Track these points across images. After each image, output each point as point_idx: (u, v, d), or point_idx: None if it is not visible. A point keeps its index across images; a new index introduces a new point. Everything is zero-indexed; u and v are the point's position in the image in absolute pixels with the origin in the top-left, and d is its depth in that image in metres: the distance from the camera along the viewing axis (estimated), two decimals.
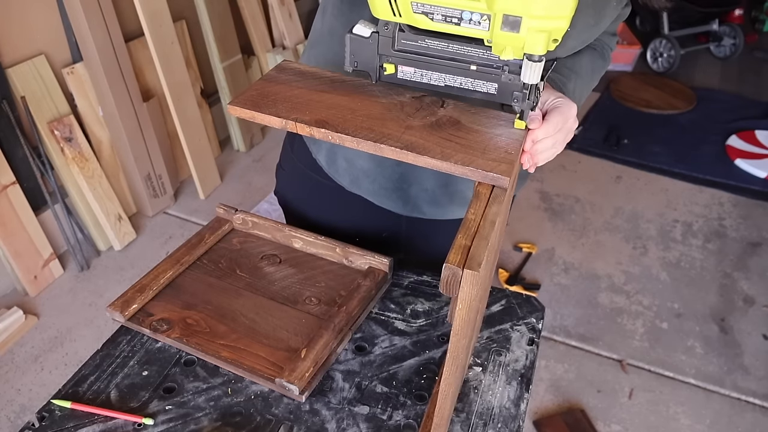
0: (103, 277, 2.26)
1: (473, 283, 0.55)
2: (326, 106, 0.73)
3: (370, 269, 0.99)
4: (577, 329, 2.10)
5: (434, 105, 0.75)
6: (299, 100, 0.74)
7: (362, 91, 0.76)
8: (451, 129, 0.70)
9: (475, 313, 0.68)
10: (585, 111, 3.43)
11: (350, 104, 0.74)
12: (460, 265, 0.55)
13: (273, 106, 0.73)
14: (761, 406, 1.86)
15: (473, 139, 0.69)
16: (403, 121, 0.71)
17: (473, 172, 0.64)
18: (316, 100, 0.74)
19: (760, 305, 2.23)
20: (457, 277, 0.55)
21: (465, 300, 0.56)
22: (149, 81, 2.45)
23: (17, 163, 2.06)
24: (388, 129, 0.69)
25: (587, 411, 1.82)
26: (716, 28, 3.95)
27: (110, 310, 0.90)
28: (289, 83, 0.77)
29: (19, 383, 1.87)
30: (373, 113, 0.72)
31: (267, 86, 0.77)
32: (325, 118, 0.71)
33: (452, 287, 0.56)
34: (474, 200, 0.62)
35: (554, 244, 2.48)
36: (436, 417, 0.68)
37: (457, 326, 0.59)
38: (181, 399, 0.81)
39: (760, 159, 2.99)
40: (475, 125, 0.71)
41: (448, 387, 0.65)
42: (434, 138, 0.68)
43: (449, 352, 0.61)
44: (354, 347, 0.89)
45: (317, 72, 0.80)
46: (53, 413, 0.79)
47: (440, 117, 0.72)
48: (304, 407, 0.80)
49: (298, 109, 0.72)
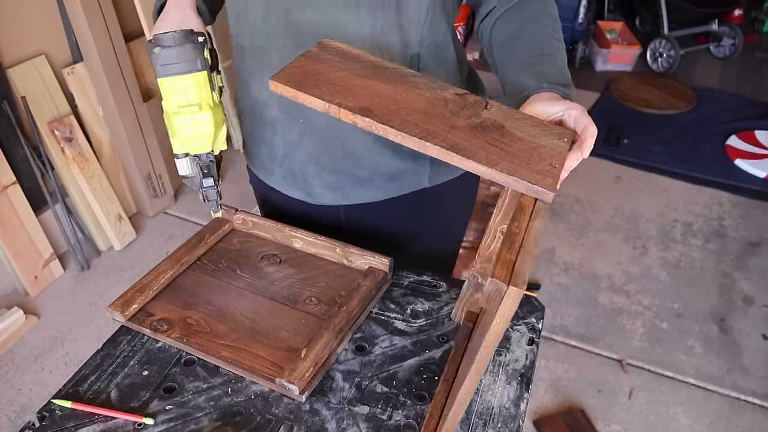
0: (103, 277, 2.26)
1: (516, 299, 0.54)
2: (370, 94, 0.69)
3: (370, 269, 0.99)
4: (577, 329, 2.10)
5: (478, 105, 0.72)
6: (342, 84, 0.70)
7: (405, 81, 0.73)
8: (495, 134, 0.68)
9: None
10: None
11: (394, 94, 0.70)
12: (505, 281, 0.53)
13: (316, 87, 0.69)
14: (761, 406, 1.87)
15: (517, 147, 0.66)
16: (447, 120, 0.68)
17: (518, 183, 0.62)
18: (359, 85, 0.71)
19: (760, 305, 2.23)
20: (501, 292, 0.54)
21: (503, 315, 0.55)
22: (149, 81, 2.45)
23: (17, 163, 2.07)
24: (433, 126, 0.67)
25: (587, 411, 1.82)
26: (716, 28, 3.95)
27: (110, 310, 0.90)
28: (331, 63, 0.74)
29: (19, 383, 1.87)
30: (417, 107, 0.69)
31: (309, 64, 0.72)
32: (370, 107, 0.67)
33: (494, 302, 0.54)
34: (518, 213, 0.61)
35: (554, 244, 2.48)
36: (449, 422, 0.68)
37: (490, 340, 0.58)
38: (181, 399, 0.81)
39: (760, 159, 2.99)
40: (519, 132, 0.69)
41: (466, 396, 0.63)
42: (479, 142, 0.66)
43: (476, 363, 0.60)
44: (354, 347, 0.89)
45: (360, 54, 0.76)
46: (53, 413, 0.79)
47: (484, 119, 0.70)
48: (304, 407, 0.80)
49: (341, 93, 0.68)
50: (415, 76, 0.75)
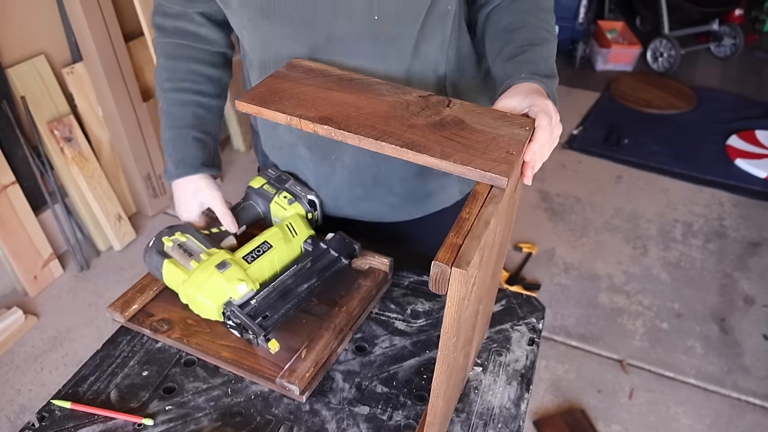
0: (103, 277, 2.25)
1: (462, 281, 0.55)
2: (332, 104, 0.73)
3: (370, 269, 0.99)
4: (577, 329, 2.10)
5: (440, 104, 0.74)
6: (306, 97, 0.74)
7: (369, 89, 0.76)
8: (454, 128, 0.70)
9: (472, 314, 0.68)
10: (585, 111, 3.43)
11: (356, 102, 0.74)
12: (449, 263, 0.55)
13: (279, 103, 0.73)
14: (761, 406, 1.86)
15: (475, 138, 0.69)
16: (407, 120, 0.71)
17: (471, 171, 0.64)
18: (322, 97, 0.74)
19: (760, 305, 2.23)
20: (446, 275, 0.55)
21: (454, 298, 0.56)
22: (149, 81, 2.45)
23: (17, 163, 2.06)
24: (390, 127, 0.69)
25: (587, 411, 1.82)
26: (716, 28, 3.95)
27: (110, 310, 0.90)
28: (297, 80, 0.78)
29: (19, 383, 1.87)
30: (378, 111, 0.72)
31: (276, 83, 0.77)
32: (330, 115, 0.71)
33: (441, 285, 0.56)
34: (470, 199, 0.62)
35: (554, 244, 2.48)
36: (429, 415, 0.68)
37: (447, 324, 0.59)
38: (181, 399, 0.81)
39: (760, 159, 2.99)
40: (479, 125, 0.71)
41: (440, 386, 0.64)
42: (436, 137, 0.68)
43: (440, 350, 0.61)
44: (354, 347, 0.89)
45: (327, 70, 0.80)
46: (53, 413, 0.79)
47: (444, 117, 0.72)
48: (304, 407, 0.80)
49: (303, 106, 0.73)
50: (380, 83, 0.78)
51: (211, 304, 0.83)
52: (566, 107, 3.47)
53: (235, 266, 0.85)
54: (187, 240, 0.89)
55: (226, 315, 0.84)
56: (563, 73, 3.81)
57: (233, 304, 0.83)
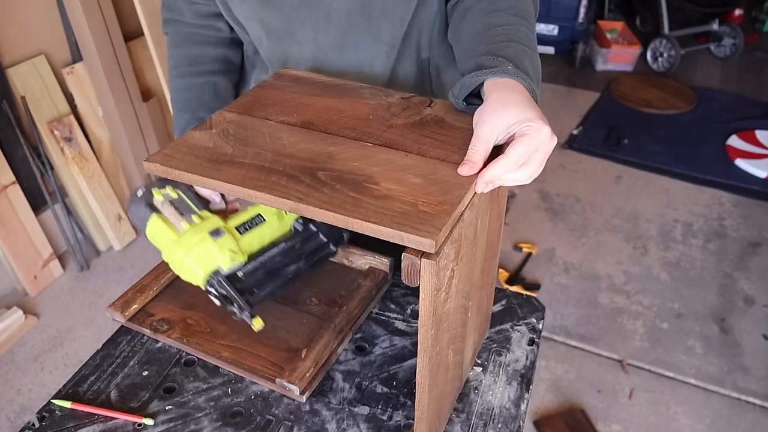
0: (103, 277, 2.25)
1: (432, 272, 0.55)
2: (315, 109, 0.75)
3: (370, 269, 0.99)
4: (577, 329, 2.10)
5: (422, 105, 0.76)
6: (290, 104, 0.76)
7: (353, 94, 0.78)
8: (433, 127, 0.71)
9: (457, 308, 0.68)
10: (585, 111, 3.43)
11: (339, 106, 0.76)
12: (418, 255, 0.55)
13: (263, 110, 0.75)
14: (761, 406, 1.86)
15: (453, 135, 0.70)
16: (387, 121, 0.73)
17: (450, 166, 0.64)
18: (306, 103, 0.76)
19: (760, 305, 2.23)
20: (416, 266, 0.55)
21: (426, 290, 0.57)
22: (149, 81, 2.45)
23: (17, 163, 2.07)
24: (370, 128, 0.71)
25: (587, 411, 1.82)
26: (716, 28, 3.95)
27: (110, 310, 0.90)
28: (283, 89, 0.80)
29: (19, 383, 1.87)
30: (359, 114, 0.74)
31: (262, 92, 0.79)
32: (312, 120, 0.73)
33: (413, 277, 0.56)
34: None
35: (554, 244, 2.48)
36: (417, 410, 0.68)
37: (423, 317, 0.59)
38: (181, 399, 0.81)
39: (760, 159, 2.99)
40: (459, 122, 0.72)
41: (423, 379, 0.65)
42: (414, 135, 0.70)
43: (419, 344, 0.62)
44: (354, 347, 0.89)
45: (313, 77, 0.82)
46: (53, 413, 0.79)
47: (425, 116, 0.74)
48: (304, 407, 0.80)
49: (287, 112, 0.74)
50: (363, 88, 0.80)
51: (199, 271, 0.80)
52: (566, 107, 3.47)
53: (228, 236, 0.81)
54: (179, 197, 0.85)
55: (211, 283, 0.81)
56: (563, 73, 3.81)
57: (221, 274, 0.80)
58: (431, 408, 0.69)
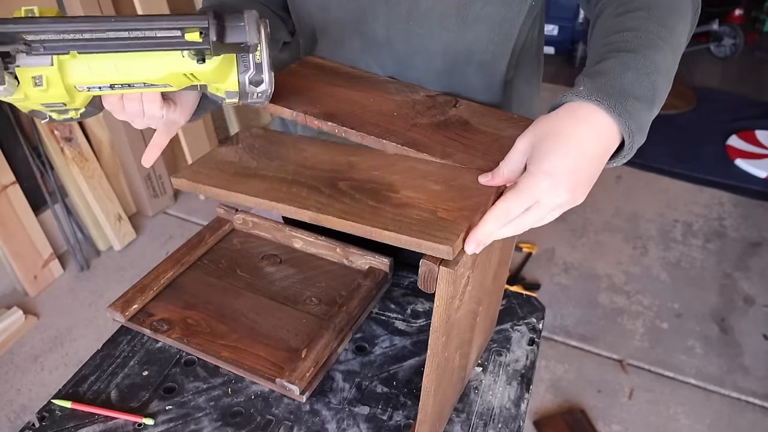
0: (103, 277, 2.25)
1: (450, 280, 0.55)
2: (338, 100, 0.73)
3: (370, 269, 0.99)
4: (577, 329, 2.10)
5: (447, 105, 0.74)
6: (313, 94, 0.74)
7: (378, 88, 0.76)
8: (458, 129, 0.70)
9: (468, 314, 0.68)
10: None
11: (363, 100, 0.74)
12: (436, 262, 0.54)
13: (287, 98, 0.73)
14: (761, 406, 1.86)
15: (478, 139, 0.68)
16: (411, 119, 0.71)
17: (472, 172, 0.64)
18: (330, 94, 0.75)
19: (761, 305, 2.23)
20: (434, 273, 0.55)
21: (442, 297, 0.56)
22: None
23: (17, 163, 2.06)
24: (394, 126, 0.69)
25: (587, 411, 1.82)
26: (716, 28, 3.95)
27: (111, 310, 0.90)
28: (307, 77, 0.78)
29: (19, 383, 1.87)
30: (383, 109, 0.72)
31: (285, 79, 0.77)
32: (335, 112, 0.71)
33: (429, 284, 0.56)
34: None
35: (554, 244, 2.48)
36: (420, 413, 0.68)
37: (436, 323, 0.59)
38: (181, 399, 0.81)
39: (760, 159, 2.99)
40: (483, 126, 0.71)
41: (429, 384, 0.64)
42: (438, 137, 0.68)
43: (429, 349, 0.61)
44: (354, 347, 0.89)
45: (338, 67, 0.80)
46: (53, 413, 0.79)
47: (450, 117, 0.72)
48: (304, 407, 0.80)
49: (310, 102, 0.73)
50: (388, 82, 0.78)
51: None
52: None
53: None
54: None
55: None
56: (563, 73, 3.81)
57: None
58: (434, 411, 0.69)
